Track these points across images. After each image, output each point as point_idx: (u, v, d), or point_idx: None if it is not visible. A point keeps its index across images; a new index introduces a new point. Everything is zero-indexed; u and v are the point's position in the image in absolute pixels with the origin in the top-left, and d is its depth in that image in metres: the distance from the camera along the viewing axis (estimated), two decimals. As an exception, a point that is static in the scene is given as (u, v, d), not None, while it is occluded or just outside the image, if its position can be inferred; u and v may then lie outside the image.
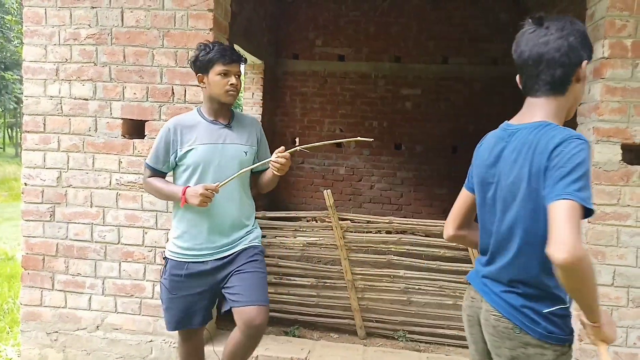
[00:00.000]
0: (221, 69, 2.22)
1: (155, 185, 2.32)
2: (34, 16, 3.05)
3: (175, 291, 2.30)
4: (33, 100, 3.09)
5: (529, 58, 1.43)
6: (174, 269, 2.30)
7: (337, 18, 7.29)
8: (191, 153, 2.25)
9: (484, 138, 1.59)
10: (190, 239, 2.29)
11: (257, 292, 2.25)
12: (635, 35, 2.65)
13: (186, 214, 2.29)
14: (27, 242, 3.13)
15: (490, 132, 1.57)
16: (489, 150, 1.52)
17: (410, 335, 3.37)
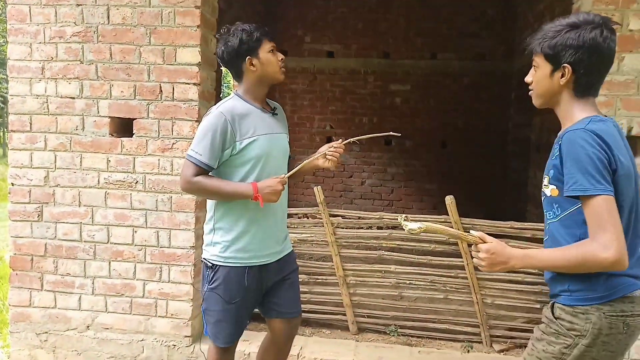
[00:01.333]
0: (270, 46, 2.09)
1: (210, 184, 2.02)
2: (18, 14, 3.01)
3: (234, 300, 2.10)
4: (19, 99, 3.05)
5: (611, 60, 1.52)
6: (231, 276, 2.09)
7: (326, 14, 7.27)
8: (253, 145, 2.05)
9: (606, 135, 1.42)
10: (253, 242, 2.10)
11: (299, 301, 2.32)
12: (621, 29, 2.67)
13: (244, 212, 2.08)
14: (15, 243, 3.10)
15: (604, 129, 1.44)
16: (619, 139, 1.48)
17: (401, 330, 3.39)
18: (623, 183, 1.42)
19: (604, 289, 1.45)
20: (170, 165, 2.96)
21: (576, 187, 1.38)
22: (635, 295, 1.46)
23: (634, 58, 2.67)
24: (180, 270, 3.00)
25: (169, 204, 2.98)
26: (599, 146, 1.39)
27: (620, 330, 1.44)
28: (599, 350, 1.45)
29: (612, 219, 1.35)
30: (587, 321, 1.45)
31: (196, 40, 2.89)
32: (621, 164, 1.41)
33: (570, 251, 1.43)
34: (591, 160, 1.37)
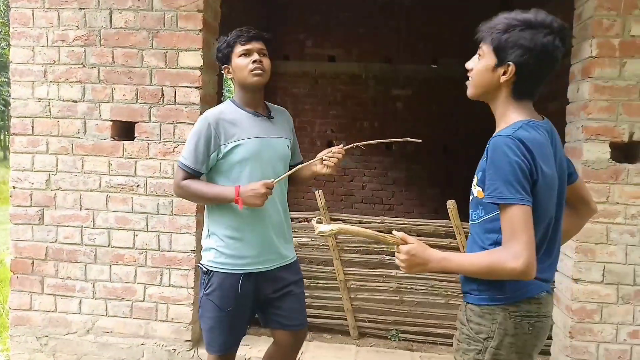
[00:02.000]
0: (240, 50, 2.07)
1: (195, 188, 2.05)
2: (22, 17, 3.02)
3: (228, 307, 2.07)
4: (21, 102, 3.06)
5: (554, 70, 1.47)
6: (225, 282, 2.06)
7: (327, 19, 7.29)
8: (238, 149, 2.05)
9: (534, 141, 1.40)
10: (245, 247, 2.08)
11: (305, 312, 2.27)
12: (623, 35, 2.67)
13: (237, 217, 2.06)
14: (16, 246, 3.10)
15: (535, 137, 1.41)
16: (547, 147, 1.44)
17: (402, 335, 3.38)
18: (543, 193, 1.40)
19: (510, 290, 1.45)
20: (171, 169, 2.96)
21: (495, 195, 1.37)
22: (541, 297, 1.48)
23: (636, 63, 2.67)
24: (181, 274, 2.99)
25: (170, 208, 2.97)
26: (523, 155, 1.36)
27: (525, 331, 1.46)
28: (507, 352, 1.45)
29: (526, 230, 1.34)
30: (493, 322, 1.46)
31: (198, 44, 2.90)
32: (543, 174, 1.39)
33: (481, 257, 1.42)
34: (512, 169, 1.35)
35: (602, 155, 2.72)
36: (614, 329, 2.76)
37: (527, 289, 1.45)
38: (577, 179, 1.63)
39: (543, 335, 1.51)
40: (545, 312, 1.49)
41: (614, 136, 2.71)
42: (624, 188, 2.73)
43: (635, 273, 2.74)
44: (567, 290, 2.84)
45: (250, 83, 2.08)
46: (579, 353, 2.78)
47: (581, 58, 2.82)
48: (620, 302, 2.75)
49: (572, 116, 2.92)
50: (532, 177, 1.37)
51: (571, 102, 2.95)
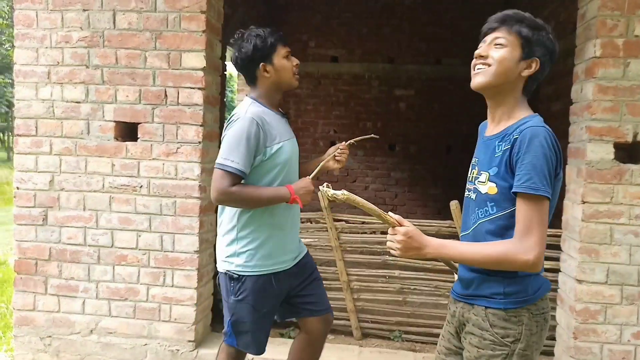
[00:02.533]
0: (285, 51, 2.10)
1: (248, 193, 1.97)
2: (25, 19, 3.03)
3: (265, 307, 2.10)
4: (25, 103, 3.07)
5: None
6: (259, 284, 2.06)
7: (330, 20, 7.29)
8: (281, 150, 2.04)
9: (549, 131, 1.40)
10: (275, 246, 2.09)
11: (327, 297, 2.33)
12: (627, 35, 2.66)
13: (268, 218, 2.05)
14: (20, 247, 3.10)
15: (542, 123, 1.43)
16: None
17: (406, 336, 3.37)
18: (556, 189, 1.42)
19: (532, 290, 1.46)
20: (174, 170, 2.96)
21: (529, 185, 1.33)
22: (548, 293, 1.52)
23: (639, 64, 2.66)
24: (184, 275, 3.00)
25: (173, 209, 2.98)
26: (555, 149, 1.37)
27: (542, 327, 1.48)
28: (532, 351, 1.45)
29: (543, 224, 1.35)
30: (519, 324, 1.44)
31: (201, 45, 2.90)
32: (561, 170, 1.41)
33: (490, 247, 1.39)
34: (547, 162, 1.35)
35: (605, 156, 2.71)
36: (618, 330, 2.76)
37: (544, 287, 1.48)
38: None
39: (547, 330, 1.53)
40: (550, 307, 1.53)
41: (618, 136, 2.70)
42: (628, 188, 2.72)
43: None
44: (571, 291, 2.83)
45: (293, 85, 2.15)
46: (582, 354, 2.77)
47: (585, 58, 2.81)
48: (625, 303, 2.74)
49: (576, 116, 2.91)
50: (555, 172, 1.38)
51: (575, 103, 2.94)
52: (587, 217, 2.75)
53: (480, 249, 1.42)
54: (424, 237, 1.46)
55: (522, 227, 1.34)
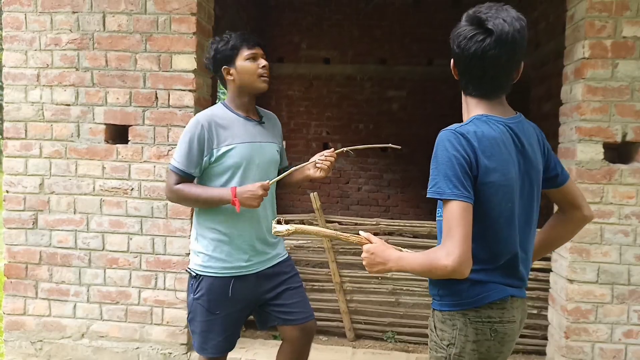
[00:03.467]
0: (248, 53, 2.05)
1: (189, 192, 2.01)
2: (14, 21, 3.01)
3: (218, 310, 2.06)
4: (14, 106, 3.04)
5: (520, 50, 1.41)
6: (215, 286, 2.06)
7: (321, 21, 7.29)
8: (231, 153, 2.03)
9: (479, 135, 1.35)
10: (234, 251, 2.07)
11: (308, 304, 2.26)
12: (615, 36, 2.69)
13: (226, 221, 2.06)
14: (10, 250, 3.08)
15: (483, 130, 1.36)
16: (498, 142, 1.37)
17: (399, 336, 3.38)
18: (489, 190, 1.34)
19: (468, 295, 1.40)
20: (165, 172, 2.95)
21: (434, 190, 1.34)
22: (505, 302, 1.42)
23: (628, 64, 2.69)
24: (175, 278, 2.99)
25: (164, 211, 2.97)
26: (462, 149, 1.33)
27: (487, 337, 1.40)
28: (471, 358, 1.41)
29: (461, 226, 1.28)
30: (453, 327, 1.42)
31: (192, 47, 2.90)
32: (486, 169, 1.33)
33: (421, 256, 1.38)
34: (451, 163, 1.32)
35: (595, 156, 2.73)
36: (609, 329, 2.77)
37: (487, 294, 1.40)
38: (565, 181, 1.55)
39: (509, 341, 1.45)
40: (510, 317, 1.43)
41: (607, 137, 2.72)
42: (618, 188, 2.74)
43: (630, 273, 2.75)
44: (562, 291, 2.85)
45: (257, 88, 2.09)
46: (574, 353, 2.79)
47: (574, 59, 2.83)
48: (615, 302, 2.76)
49: (566, 117, 2.93)
50: (472, 173, 1.33)
51: (564, 103, 2.96)
52: (577, 217, 2.76)
53: (416, 258, 1.39)
54: (387, 252, 1.45)
55: (443, 232, 1.32)
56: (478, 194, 1.34)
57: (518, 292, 1.46)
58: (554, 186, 1.55)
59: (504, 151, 1.37)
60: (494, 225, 1.38)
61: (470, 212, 1.31)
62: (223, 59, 2.08)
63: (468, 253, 1.29)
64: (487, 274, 1.40)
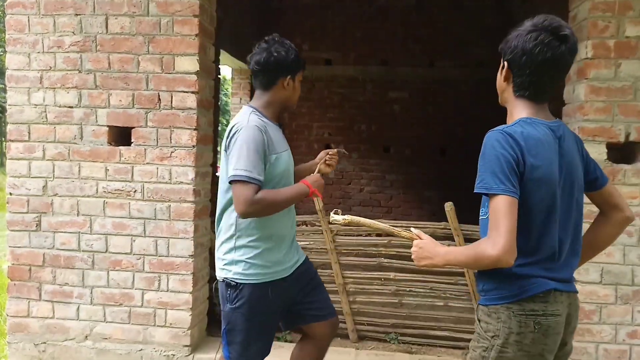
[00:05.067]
0: (301, 74, 2.14)
1: (274, 197, 1.93)
2: (17, 24, 3.02)
3: (258, 317, 2.04)
4: (17, 108, 3.05)
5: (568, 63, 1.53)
6: (256, 293, 2.01)
7: (324, 23, 7.30)
8: (280, 160, 2.03)
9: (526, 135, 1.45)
10: (273, 255, 2.05)
11: (330, 300, 2.32)
12: (618, 36, 2.68)
13: (266, 225, 2.01)
14: (13, 253, 3.08)
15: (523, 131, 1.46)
16: (543, 143, 1.47)
17: (402, 338, 3.37)
18: (532, 185, 1.44)
19: (513, 288, 1.48)
20: (168, 174, 2.95)
21: (482, 185, 1.43)
22: (548, 295, 1.48)
23: (631, 64, 2.68)
24: (179, 279, 2.99)
25: (167, 213, 2.97)
26: (510, 147, 1.42)
27: (531, 329, 1.46)
28: (514, 350, 1.47)
29: (506, 219, 1.37)
30: (498, 320, 1.49)
31: (194, 49, 2.90)
32: (532, 167, 1.43)
33: (470, 248, 1.47)
34: (498, 161, 1.41)
35: (598, 156, 2.72)
36: (613, 329, 2.77)
37: (529, 287, 1.47)
38: (604, 184, 1.64)
39: (554, 334, 1.49)
40: (554, 310, 1.48)
41: (611, 137, 2.72)
42: (622, 188, 2.73)
43: (634, 273, 2.74)
44: (566, 291, 2.84)
45: (293, 107, 2.23)
46: (578, 354, 2.78)
47: (577, 59, 2.82)
48: (619, 302, 2.76)
49: (569, 117, 2.93)
50: (519, 169, 1.42)
51: (567, 104, 2.96)
52: (581, 218, 2.76)
53: (463, 250, 1.51)
54: (436, 248, 1.57)
55: (490, 225, 1.40)
56: (523, 190, 1.43)
57: (563, 287, 1.51)
58: (594, 189, 1.64)
59: (547, 150, 1.46)
60: (537, 219, 1.46)
61: (516, 207, 1.40)
62: (290, 69, 2.06)
63: (513, 243, 1.37)
64: (530, 267, 1.47)
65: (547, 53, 1.45)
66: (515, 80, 1.54)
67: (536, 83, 1.51)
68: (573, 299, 1.56)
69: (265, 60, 2.05)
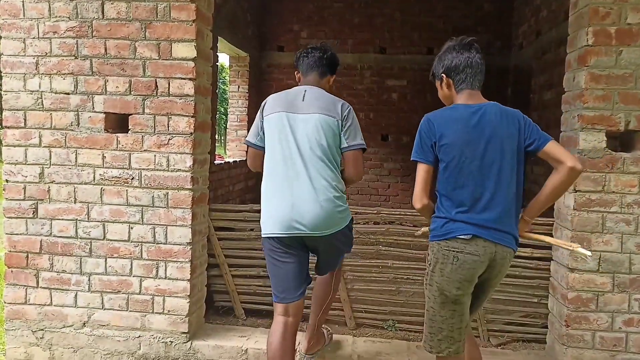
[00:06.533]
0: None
1: None
2: (12, 9, 2.98)
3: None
4: (12, 95, 3.02)
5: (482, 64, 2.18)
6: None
7: (322, 10, 7.25)
8: None
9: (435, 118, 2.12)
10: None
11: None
12: (619, 23, 2.66)
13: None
14: (10, 240, 3.07)
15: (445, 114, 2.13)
16: (463, 124, 2.05)
17: (399, 325, 3.38)
18: (446, 150, 2.05)
19: (443, 230, 2.07)
20: (166, 161, 2.94)
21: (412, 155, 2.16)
22: (468, 238, 2.02)
23: (632, 52, 2.67)
24: (177, 267, 2.98)
25: (165, 200, 2.96)
26: (427, 128, 2.11)
27: (451, 261, 2.04)
28: (438, 275, 2.07)
29: (418, 178, 2.11)
30: (432, 252, 2.11)
31: (192, 35, 2.87)
32: (441, 136, 2.06)
33: None
34: (419, 137, 2.13)
35: (598, 144, 2.72)
36: (610, 317, 2.78)
37: (453, 230, 2.04)
38: (543, 145, 2.05)
39: (468, 269, 2.02)
40: (472, 251, 2.01)
41: (610, 125, 2.71)
42: (620, 177, 2.73)
43: (631, 261, 2.75)
44: (563, 279, 2.85)
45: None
46: (574, 341, 2.80)
47: (577, 47, 2.81)
48: (616, 291, 2.77)
49: (568, 105, 2.92)
50: (431, 141, 2.08)
51: (567, 91, 2.95)
52: (579, 206, 2.76)
53: None
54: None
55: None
56: (440, 153, 2.07)
57: (486, 234, 2.01)
58: (536, 150, 2.07)
59: (457, 125, 2.06)
60: (453, 175, 2.05)
61: (427, 170, 2.11)
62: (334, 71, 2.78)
63: (420, 194, 2.12)
64: (455, 215, 2.04)
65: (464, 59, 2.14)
66: (456, 81, 2.15)
67: (465, 78, 2.14)
68: (500, 249, 2.03)
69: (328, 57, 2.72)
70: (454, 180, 2.03)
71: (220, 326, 3.30)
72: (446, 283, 2.04)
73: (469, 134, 2.02)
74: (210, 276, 3.46)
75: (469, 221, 2.00)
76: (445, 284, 2.04)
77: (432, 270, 2.08)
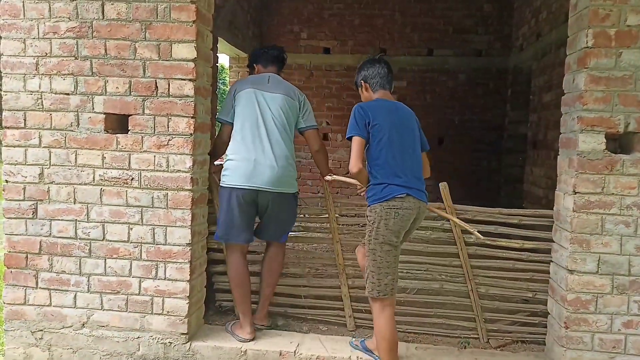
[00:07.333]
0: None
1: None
2: (12, 9, 2.98)
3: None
4: (12, 95, 3.02)
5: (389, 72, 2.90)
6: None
7: (321, 11, 7.25)
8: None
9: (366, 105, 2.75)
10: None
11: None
12: (619, 24, 2.67)
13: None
14: (10, 240, 3.07)
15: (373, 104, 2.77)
16: (387, 111, 2.72)
17: (398, 326, 3.37)
18: (375, 131, 2.66)
19: (383, 194, 2.61)
20: (166, 162, 2.94)
21: (347, 134, 2.71)
22: (402, 197, 2.61)
23: (632, 53, 2.67)
24: (176, 268, 2.98)
25: (164, 201, 2.96)
26: (362, 112, 2.69)
27: (393, 217, 2.60)
28: (383, 228, 2.60)
29: (354, 149, 2.65)
30: (374, 213, 2.63)
31: (192, 35, 2.87)
32: (373, 119, 2.66)
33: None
34: (354, 119, 2.68)
35: (597, 146, 2.72)
36: (609, 319, 2.78)
37: (391, 192, 2.60)
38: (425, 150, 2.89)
39: (405, 220, 2.63)
40: (407, 206, 2.61)
41: (610, 127, 2.71)
42: (620, 179, 2.73)
43: (630, 263, 2.75)
44: (562, 281, 2.85)
45: None
46: (573, 343, 2.80)
47: (577, 48, 2.81)
48: (615, 292, 2.77)
49: (568, 107, 2.92)
50: (366, 122, 2.66)
51: (567, 93, 2.95)
52: (578, 208, 2.76)
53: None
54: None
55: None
56: (372, 133, 2.66)
57: (414, 193, 2.65)
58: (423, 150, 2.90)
59: (382, 112, 2.69)
60: (383, 151, 2.65)
61: (361, 143, 2.66)
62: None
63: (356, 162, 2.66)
64: (391, 180, 2.62)
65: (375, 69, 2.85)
66: (372, 84, 2.84)
67: (378, 82, 2.84)
68: (423, 205, 2.71)
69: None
70: (385, 154, 2.63)
71: (220, 327, 3.30)
72: (390, 234, 2.59)
73: (392, 119, 2.69)
74: (214, 273, 3.47)
75: (402, 184, 2.61)
76: (389, 235, 2.60)
77: (377, 226, 2.60)
